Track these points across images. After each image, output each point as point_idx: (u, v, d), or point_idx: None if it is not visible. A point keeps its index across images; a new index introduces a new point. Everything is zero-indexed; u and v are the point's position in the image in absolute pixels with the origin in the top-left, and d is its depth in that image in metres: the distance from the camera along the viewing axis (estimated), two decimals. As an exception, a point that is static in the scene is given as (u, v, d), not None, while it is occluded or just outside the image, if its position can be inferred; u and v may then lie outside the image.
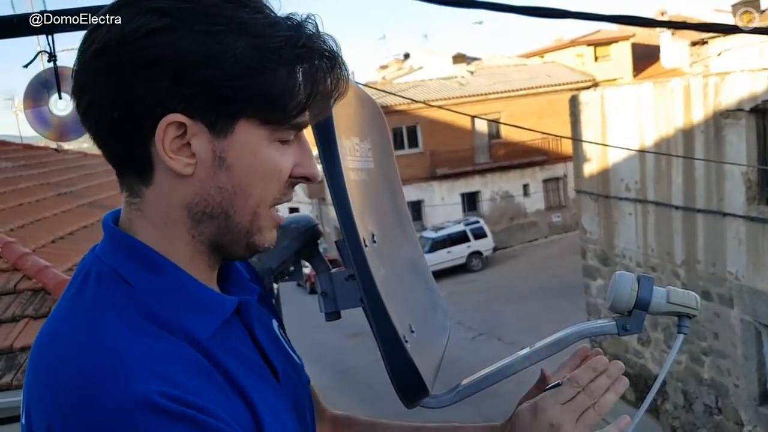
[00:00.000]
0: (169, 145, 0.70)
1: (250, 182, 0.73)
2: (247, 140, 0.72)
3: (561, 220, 26.18)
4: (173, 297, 0.72)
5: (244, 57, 0.68)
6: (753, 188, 8.68)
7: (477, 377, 1.09)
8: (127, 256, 0.73)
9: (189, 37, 0.68)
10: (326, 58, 0.73)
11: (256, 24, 0.70)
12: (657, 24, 5.10)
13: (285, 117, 0.72)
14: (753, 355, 9.01)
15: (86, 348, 0.64)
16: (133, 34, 0.67)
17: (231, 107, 0.70)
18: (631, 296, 1.02)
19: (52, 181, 7.24)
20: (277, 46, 0.70)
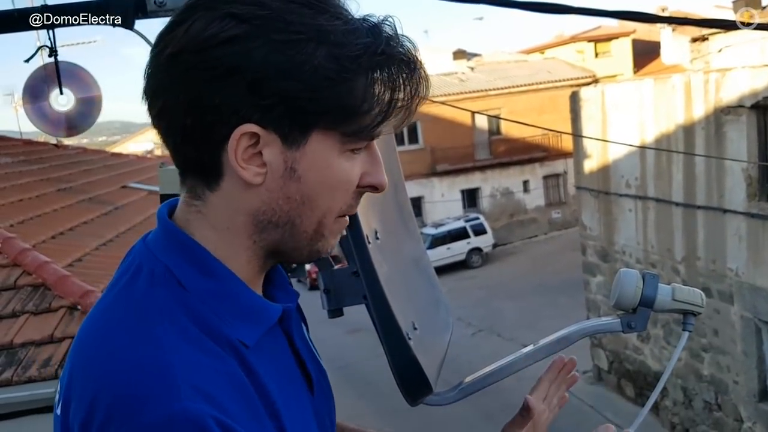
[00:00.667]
0: (241, 155, 0.69)
1: (319, 193, 0.72)
2: (319, 151, 0.70)
3: (561, 216, 26.18)
4: (224, 303, 0.71)
5: (323, 67, 0.66)
6: (753, 185, 8.67)
7: (480, 375, 1.09)
8: (182, 256, 0.72)
9: (267, 46, 0.66)
10: (405, 63, 0.71)
11: (335, 31, 0.67)
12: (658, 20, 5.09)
13: (362, 129, 0.71)
14: (753, 352, 9.01)
15: (138, 353, 0.63)
16: (210, 40, 0.66)
17: (307, 118, 0.68)
18: (636, 294, 1.01)
19: (52, 177, 7.23)
20: (357, 54, 0.67)
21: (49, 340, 3.47)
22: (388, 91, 0.70)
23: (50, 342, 3.47)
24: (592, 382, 12.81)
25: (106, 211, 6.23)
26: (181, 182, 0.75)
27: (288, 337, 0.80)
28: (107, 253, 4.91)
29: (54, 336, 3.48)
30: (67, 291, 3.76)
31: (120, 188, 7.76)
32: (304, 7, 0.67)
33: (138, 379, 0.61)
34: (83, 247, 4.77)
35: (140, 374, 0.61)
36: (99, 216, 5.97)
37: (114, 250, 5.03)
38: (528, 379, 1.05)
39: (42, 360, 3.36)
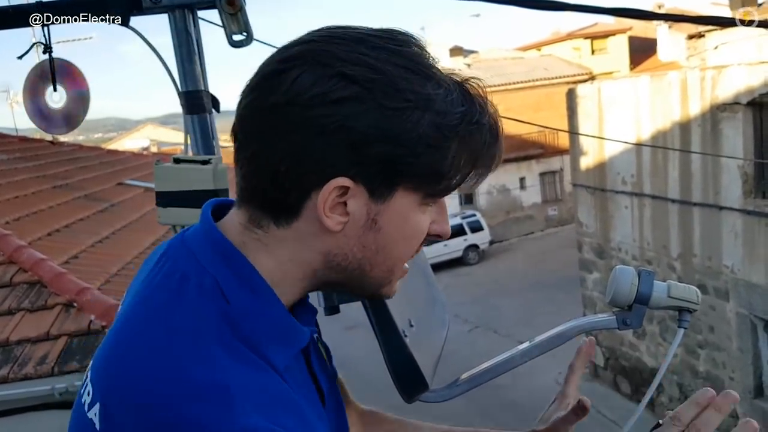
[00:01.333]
0: (332, 204, 0.70)
1: (395, 243, 0.74)
2: (401, 206, 0.72)
3: (557, 213, 26.21)
4: (264, 323, 0.71)
5: (426, 135, 0.69)
6: (749, 182, 8.70)
7: (476, 371, 1.09)
8: (230, 270, 0.71)
9: (376, 111, 0.67)
10: (491, 133, 0.74)
11: (438, 100, 0.69)
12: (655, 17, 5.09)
13: (445, 191, 0.74)
14: (748, 348, 9.05)
15: (192, 371, 0.63)
16: (319, 97, 0.67)
17: (399, 179, 0.70)
18: (631, 290, 1.01)
19: (48, 174, 7.22)
20: (455, 123, 0.70)
21: (45, 338, 3.47)
22: (472, 158, 0.73)
23: (46, 339, 3.47)
24: (588, 379, 12.85)
25: (101, 209, 6.22)
26: (241, 205, 0.75)
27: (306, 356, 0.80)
28: (103, 250, 4.91)
29: (50, 333, 3.48)
30: (62, 288, 3.75)
31: (116, 185, 7.75)
32: (412, 74, 0.69)
33: (206, 399, 0.61)
34: (79, 245, 4.76)
35: (206, 394, 0.61)
36: (95, 213, 5.96)
37: (110, 247, 5.02)
38: (523, 376, 1.05)
39: (38, 357, 3.35)
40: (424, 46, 0.73)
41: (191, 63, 1.93)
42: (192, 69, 1.93)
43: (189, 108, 1.95)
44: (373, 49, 0.69)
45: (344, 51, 0.68)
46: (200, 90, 1.95)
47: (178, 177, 1.65)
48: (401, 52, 0.70)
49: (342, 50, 0.68)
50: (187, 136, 2.00)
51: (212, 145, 1.99)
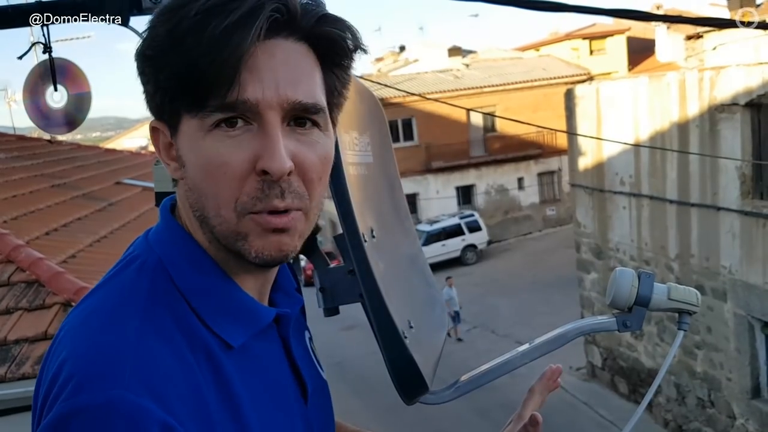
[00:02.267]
0: (164, 150, 0.71)
1: (199, 178, 0.68)
2: (188, 134, 0.68)
3: (555, 213, 26.22)
4: (211, 300, 0.70)
5: (159, 37, 0.66)
6: (747, 183, 8.70)
7: (476, 373, 1.09)
8: (176, 250, 0.72)
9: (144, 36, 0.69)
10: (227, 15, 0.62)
11: (174, 5, 0.66)
12: (653, 18, 5.09)
13: (201, 103, 0.65)
14: (746, 349, 9.06)
15: (103, 339, 0.63)
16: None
17: (167, 104, 0.68)
18: (631, 293, 1.01)
19: (46, 173, 7.20)
20: (177, 21, 0.64)
21: (43, 337, 3.46)
22: (212, 48, 0.63)
23: (44, 339, 3.46)
24: (586, 379, 12.86)
25: (99, 208, 6.21)
26: None
27: (284, 343, 0.79)
28: (101, 249, 4.90)
29: (48, 333, 3.47)
30: (60, 287, 3.74)
31: (114, 184, 7.73)
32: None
33: (92, 362, 0.61)
34: (77, 244, 4.75)
35: (96, 359, 0.61)
36: (93, 212, 5.95)
37: (108, 246, 5.01)
38: (522, 377, 1.05)
39: (36, 357, 3.35)
40: None
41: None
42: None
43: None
44: None
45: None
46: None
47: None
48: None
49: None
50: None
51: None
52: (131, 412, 0.58)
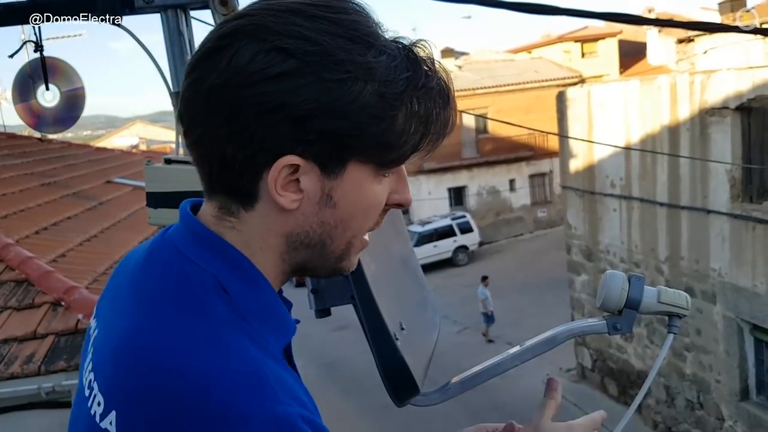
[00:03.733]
0: (280, 183, 0.69)
1: (352, 216, 0.73)
2: (355, 179, 0.71)
3: (546, 215, 26.30)
4: (263, 314, 0.72)
5: (369, 106, 0.67)
6: (737, 186, 8.76)
7: (467, 375, 1.09)
8: (227, 266, 0.71)
9: (316, 84, 0.65)
10: (440, 95, 0.72)
11: (380, 67, 0.67)
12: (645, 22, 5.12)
13: (398, 161, 0.73)
14: (735, 351, 9.11)
15: (226, 362, 0.63)
16: (257, 75, 0.65)
17: (348, 152, 0.69)
18: (621, 295, 1.01)
19: (36, 171, 7.16)
20: (400, 90, 0.68)
21: (32, 336, 3.44)
22: (423, 124, 0.71)
23: (33, 338, 3.44)
24: (576, 380, 12.90)
25: (90, 207, 6.19)
26: (209, 196, 0.74)
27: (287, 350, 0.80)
28: (91, 248, 4.88)
29: (37, 332, 3.45)
30: (50, 287, 3.73)
31: (104, 183, 7.70)
32: (351, 43, 0.67)
33: (240, 389, 0.61)
34: (67, 243, 4.73)
35: (241, 385, 0.61)
36: (83, 211, 5.92)
37: (98, 245, 4.99)
38: (513, 378, 1.06)
39: (25, 356, 3.33)
40: (367, 12, 0.71)
41: (183, 63, 1.92)
42: (184, 69, 1.92)
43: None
44: (310, 20, 0.67)
45: (280, 24, 0.66)
46: (192, 90, 1.94)
47: (169, 178, 1.64)
48: (339, 20, 0.67)
49: (277, 23, 0.66)
50: (179, 136, 1.99)
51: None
52: (293, 422, 0.61)
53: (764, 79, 8.18)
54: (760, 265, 8.50)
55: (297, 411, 0.62)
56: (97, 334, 0.76)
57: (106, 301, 0.80)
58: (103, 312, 0.79)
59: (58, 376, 3.25)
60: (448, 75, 0.74)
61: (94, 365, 0.72)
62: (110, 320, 0.74)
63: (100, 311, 0.80)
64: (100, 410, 0.66)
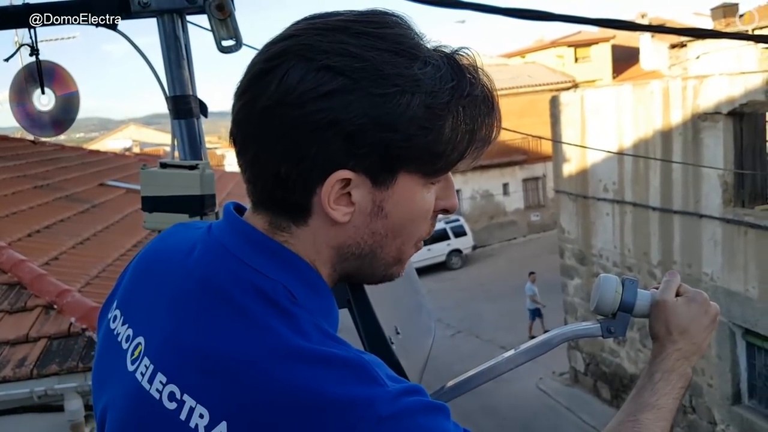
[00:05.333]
0: (333, 197, 0.70)
1: (403, 226, 0.75)
2: (406, 189, 0.72)
3: (540, 219, 26.37)
4: (327, 320, 0.74)
5: (417, 117, 0.68)
6: (729, 190, 8.81)
7: (461, 379, 1.09)
8: (293, 275, 0.73)
9: (365, 99, 0.67)
10: (484, 102, 0.74)
11: (426, 79, 0.69)
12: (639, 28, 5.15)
13: (446, 168, 0.74)
14: (727, 356, 9.15)
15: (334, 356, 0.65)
16: (308, 94, 0.66)
17: (398, 164, 0.70)
18: (615, 299, 1.02)
19: (29, 174, 7.13)
20: (447, 100, 0.70)
21: (25, 340, 3.43)
22: (469, 131, 0.72)
23: (25, 342, 3.42)
24: (569, 384, 12.92)
25: (83, 209, 6.16)
26: (257, 210, 0.75)
27: None
28: (84, 251, 4.86)
29: (29, 336, 3.43)
30: (42, 290, 3.71)
31: (97, 186, 7.67)
32: (396, 56, 0.68)
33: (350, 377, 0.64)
34: (59, 246, 4.71)
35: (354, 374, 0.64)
36: (76, 214, 5.90)
37: (91, 248, 4.97)
38: (505, 381, 1.06)
39: (17, 360, 3.31)
40: (409, 24, 0.72)
41: (179, 67, 1.92)
42: (180, 74, 1.92)
43: (177, 113, 1.94)
44: (355, 36, 0.68)
45: (326, 42, 0.68)
46: (188, 95, 1.94)
47: (165, 182, 1.64)
48: (384, 35, 0.69)
49: (324, 41, 0.68)
50: (174, 140, 1.99)
51: (199, 150, 1.98)
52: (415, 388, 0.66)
53: (756, 85, 8.23)
54: (752, 269, 8.54)
55: (408, 385, 0.65)
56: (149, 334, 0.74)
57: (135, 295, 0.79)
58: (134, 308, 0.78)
59: (50, 380, 3.23)
60: (492, 82, 0.76)
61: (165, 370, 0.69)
62: (165, 321, 0.73)
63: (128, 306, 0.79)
64: (204, 423, 0.64)
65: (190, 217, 1.60)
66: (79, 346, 3.37)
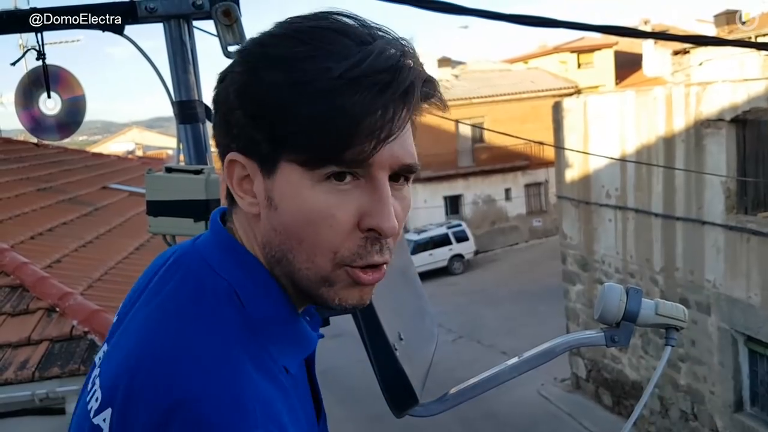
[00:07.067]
0: (238, 183, 0.71)
1: (297, 225, 0.67)
2: (290, 181, 0.67)
3: (542, 224, 26.34)
4: (280, 328, 0.71)
5: (277, 94, 0.65)
6: (732, 197, 8.79)
7: (465, 386, 1.09)
8: (245, 275, 0.71)
9: (236, 79, 0.69)
10: (369, 88, 0.63)
11: (304, 58, 0.65)
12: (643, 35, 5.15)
13: (323, 158, 0.65)
14: (729, 363, 9.12)
15: (216, 385, 0.62)
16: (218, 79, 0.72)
17: (269, 147, 0.67)
18: (619, 308, 1.02)
19: (32, 176, 7.14)
20: (310, 79, 0.64)
21: (27, 342, 3.43)
22: (351, 119, 0.63)
23: (27, 344, 3.42)
24: (570, 390, 12.89)
25: (86, 212, 6.17)
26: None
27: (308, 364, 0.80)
28: (86, 254, 4.86)
29: (31, 338, 3.44)
30: (45, 292, 3.71)
31: (100, 189, 7.68)
32: (288, 39, 0.67)
33: (224, 411, 0.60)
34: (62, 248, 4.72)
35: (225, 407, 0.60)
36: (79, 217, 5.91)
37: (93, 251, 4.98)
38: (507, 388, 1.06)
39: (19, 362, 3.31)
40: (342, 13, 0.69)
41: (185, 72, 1.93)
42: (186, 78, 1.93)
43: (182, 117, 1.94)
44: (278, 25, 0.70)
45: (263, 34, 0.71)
46: (194, 99, 1.95)
47: (170, 186, 1.64)
48: (296, 21, 0.69)
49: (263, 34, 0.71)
50: (180, 145, 1.99)
51: (205, 155, 1.99)
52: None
53: (759, 92, 8.22)
54: (754, 276, 8.52)
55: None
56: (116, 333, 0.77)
57: (130, 300, 0.81)
58: (124, 310, 0.80)
59: (51, 383, 3.23)
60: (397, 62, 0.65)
61: (101, 363, 0.73)
62: (126, 321, 0.75)
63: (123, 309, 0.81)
64: (96, 406, 0.67)
65: (194, 221, 1.60)
66: (81, 349, 3.37)
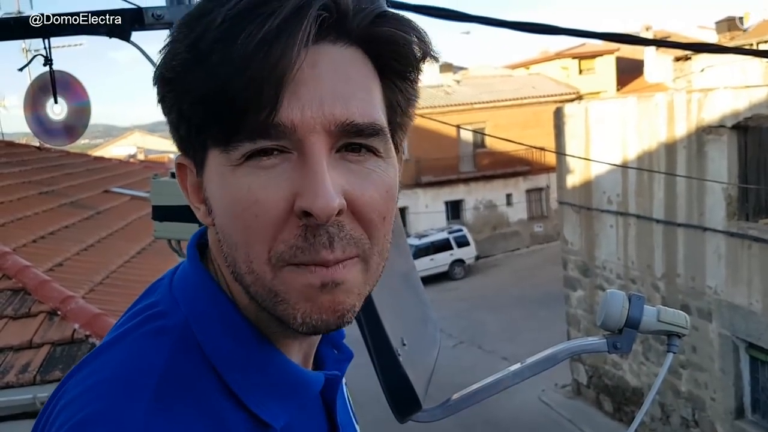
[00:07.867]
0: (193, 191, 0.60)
1: (226, 225, 0.55)
2: (214, 169, 0.55)
3: (543, 230, 26.33)
4: (249, 374, 0.57)
5: (180, 54, 0.54)
6: (733, 204, 8.79)
7: (467, 392, 1.10)
8: (208, 310, 0.59)
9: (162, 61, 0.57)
10: (260, 18, 0.50)
11: (188, 20, 0.55)
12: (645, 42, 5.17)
13: (228, 130, 0.52)
14: (730, 369, 9.11)
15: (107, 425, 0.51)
16: None
17: (187, 131, 0.56)
18: (622, 315, 1.03)
19: (34, 180, 7.16)
20: (200, 35, 0.52)
21: (28, 346, 3.43)
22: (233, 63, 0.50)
23: (29, 347, 3.43)
24: (571, 396, 12.86)
25: (87, 216, 6.18)
26: None
27: (327, 408, 0.67)
28: (88, 258, 4.87)
29: (33, 341, 3.44)
30: (47, 296, 3.72)
31: (102, 192, 7.69)
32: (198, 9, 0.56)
33: None
34: (64, 252, 4.72)
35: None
36: (81, 220, 5.92)
37: (95, 255, 4.99)
38: (508, 394, 1.06)
39: (20, 365, 3.32)
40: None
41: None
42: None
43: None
44: None
45: None
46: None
47: (176, 191, 1.64)
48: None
49: None
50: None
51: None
52: None
53: (761, 98, 8.23)
54: (755, 283, 8.52)
55: None
56: None
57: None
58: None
59: (53, 386, 3.21)
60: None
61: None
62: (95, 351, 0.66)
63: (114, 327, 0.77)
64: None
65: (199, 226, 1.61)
66: (83, 352, 3.37)
